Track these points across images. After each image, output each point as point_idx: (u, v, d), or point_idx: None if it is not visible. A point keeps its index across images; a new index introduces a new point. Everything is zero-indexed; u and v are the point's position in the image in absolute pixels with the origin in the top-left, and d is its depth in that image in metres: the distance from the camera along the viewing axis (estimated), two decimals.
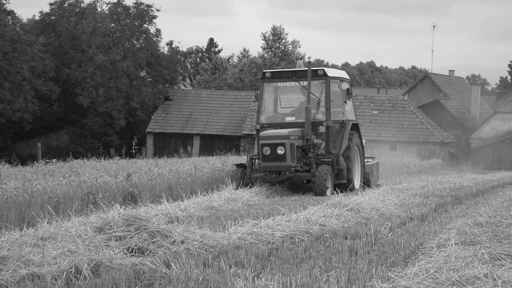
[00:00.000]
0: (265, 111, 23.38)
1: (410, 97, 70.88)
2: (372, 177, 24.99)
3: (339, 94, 23.02)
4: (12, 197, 15.15)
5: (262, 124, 22.88)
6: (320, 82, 22.78)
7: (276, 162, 21.28)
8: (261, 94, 23.13)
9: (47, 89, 57.88)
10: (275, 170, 21.36)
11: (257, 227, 12.49)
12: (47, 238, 11.44)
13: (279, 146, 21.23)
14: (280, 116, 23.34)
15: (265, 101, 23.30)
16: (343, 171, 22.15)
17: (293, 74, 22.93)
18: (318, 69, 22.76)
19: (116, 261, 10.12)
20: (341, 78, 23.49)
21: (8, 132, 57.63)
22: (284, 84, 23.17)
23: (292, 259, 10.11)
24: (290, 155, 21.27)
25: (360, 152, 23.90)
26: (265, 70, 24.00)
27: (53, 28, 63.59)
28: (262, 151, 21.39)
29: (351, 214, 14.39)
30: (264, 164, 21.43)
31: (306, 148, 21.98)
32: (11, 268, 9.58)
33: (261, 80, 23.36)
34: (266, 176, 21.43)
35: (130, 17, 67.24)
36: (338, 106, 23.03)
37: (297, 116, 22.73)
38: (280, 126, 22.53)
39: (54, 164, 23.98)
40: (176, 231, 11.72)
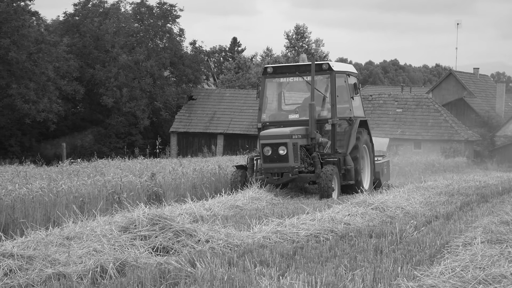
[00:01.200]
0: (268, 108, 22.27)
1: (434, 95, 70.55)
2: (383, 176, 23.87)
3: (345, 89, 21.73)
4: (38, 197, 15.23)
5: (264, 123, 21.68)
6: (325, 77, 21.53)
7: (278, 163, 20.13)
8: (262, 90, 21.89)
9: (72, 89, 58.13)
10: (277, 172, 20.20)
11: (281, 226, 12.48)
12: (73, 237, 11.49)
13: (281, 146, 20.08)
14: (284, 114, 22.14)
15: (267, 98, 22.17)
16: (351, 171, 20.91)
17: (296, 69, 21.73)
18: (322, 63, 21.52)
19: (141, 260, 10.15)
20: (348, 72, 22.13)
21: (33, 132, 57.93)
22: (287, 79, 21.86)
23: (317, 258, 10.09)
24: (293, 155, 20.11)
25: (370, 151, 22.66)
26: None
27: (77, 28, 63.86)
28: (263, 152, 20.24)
29: (376, 213, 14.35)
30: (265, 165, 20.29)
31: (311, 147, 20.77)
32: (37, 268, 9.63)
33: (263, 76, 22.16)
34: (267, 178, 20.19)
35: (154, 17, 67.38)
36: (345, 102, 21.82)
37: (301, 113, 21.57)
38: (283, 125, 21.28)
39: (79, 164, 24.09)
40: (200, 230, 11.74)
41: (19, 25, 52.90)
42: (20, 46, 52.82)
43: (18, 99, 52.53)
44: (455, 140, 56.56)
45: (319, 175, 19.73)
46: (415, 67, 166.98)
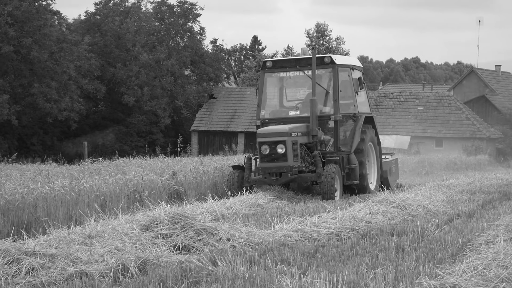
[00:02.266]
0: (268, 104, 21.17)
1: (456, 92, 70.24)
2: (391, 175, 22.66)
3: (349, 84, 20.68)
4: (60, 195, 15.31)
5: (263, 120, 20.59)
6: (327, 71, 20.48)
7: (276, 163, 19.01)
8: (261, 86, 20.84)
9: (93, 88, 58.36)
10: (275, 172, 19.02)
11: (302, 224, 12.47)
12: (94, 236, 11.53)
13: (279, 144, 18.96)
14: (284, 110, 21.09)
15: (267, 93, 21.10)
16: (355, 170, 19.90)
17: (297, 63, 20.66)
18: (324, 56, 20.53)
19: (163, 259, 10.17)
20: (352, 66, 21.04)
21: (54, 131, 58.21)
22: (288, 74, 20.82)
23: (339, 256, 10.07)
24: (293, 154, 19.03)
25: (376, 149, 21.58)
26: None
27: (98, 27, 64.10)
28: (260, 150, 19.13)
29: (397, 211, 14.30)
30: (262, 165, 19.16)
31: (312, 145, 19.69)
32: (59, 266, 9.67)
33: (262, 70, 21.09)
34: (265, 179, 19.09)
35: (174, 16, 67.50)
36: (349, 97, 20.76)
37: (302, 109, 20.49)
38: (283, 122, 20.22)
39: (100, 163, 24.16)
40: (222, 228, 11.75)
41: (41, 25, 53.16)
42: (42, 45, 53.09)
43: (40, 98, 52.80)
44: (477, 138, 56.30)
45: (321, 175, 18.74)
46: (436, 64, 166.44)
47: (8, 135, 53.81)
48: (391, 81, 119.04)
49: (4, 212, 13.86)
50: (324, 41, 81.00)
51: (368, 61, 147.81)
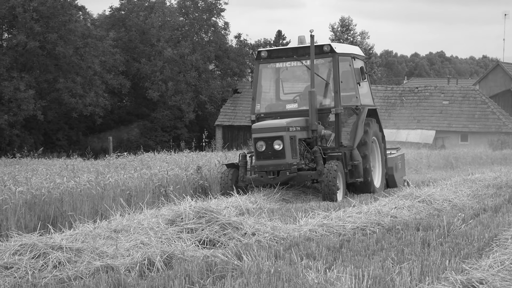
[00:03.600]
0: (264, 98, 19.80)
1: (481, 87, 69.83)
2: (397, 172, 21.39)
3: (351, 74, 19.27)
4: (86, 190, 15.38)
5: (259, 114, 19.22)
6: (327, 61, 19.08)
7: (273, 160, 17.58)
8: (256, 78, 19.48)
9: (118, 83, 58.59)
10: (272, 170, 17.64)
11: (328, 219, 12.44)
12: (120, 230, 11.57)
13: (276, 140, 17.55)
14: (281, 104, 19.66)
15: (262, 86, 19.64)
16: (359, 167, 18.52)
17: (294, 52, 19.15)
18: (323, 44, 18.99)
19: (188, 253, 10.19)
20: (353, 55, 19.60)
21: (80, 126, 58.50)
22: (285, 64, 19.42)
23: (364, 251, 10.05)
24: (291, 151, 17.62)
25: (380, 143, 20.29)
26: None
27: (123, 23, 64.30)
28: (256, 147, 17.75)
29: (423, 206, 14.24)
30: (258, 163, 17.74)
31: (312, 141, 18.34)
32: (85, 260, 9.72)
33: (256, 61, 19.58)
34: (261, 178, 17.69)
35: (199, 11, 67.59)
36: (350, 89, 19.39)
37: (301, 102, 19.12)
38: (280, 116, 18.82)
39: (125, 158, 24.25)
40: (247, 223, 11.75)
41: (66, 20, 53.45)
42: (67, 40, 53.36)
43: (65, 93, 53.08)
44: (502, 132, 55.98)
45: (322, 173, 17.34)
46: (461, 58, 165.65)
47: (34, 130, 54.14)
48: (416, 76, 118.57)
49: (30, 207, 13.95)
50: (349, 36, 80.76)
51: (392, 55, 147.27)
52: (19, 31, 52.15)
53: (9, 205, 13.29)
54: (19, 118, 50.47)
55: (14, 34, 52.94)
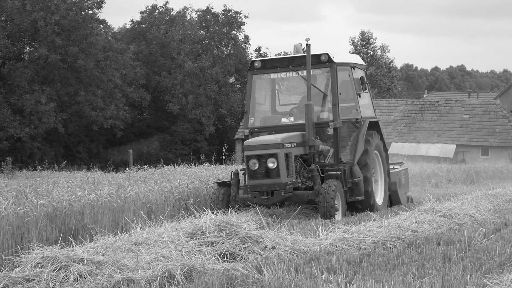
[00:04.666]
0: (258, 111, 18.64)
1: (502, 101, 69.56)
2: (400, 187, 20.14)
3: (350, 85, 18.15)
4: (106, 203, 15.42)
5: (252, 129, 18.09)
6: (324, 71, 17.92)
7: (267, 179, 16.33)
8: (249, 89, 18.32)
9: (138, 96, 58.81)
10: (266, 190, 16.38)
11: (348, 233, 12.43)
12: (141, 243, 11.61)
13: (270, 157, 16.32)
14: (277, 117, 18.52)
15: (256, 98, 18.49)
16: (360, 184, 17.36)
17: (290, 62, 18.01)
18: (321, 54, 17.84)
19: (209, 266, 10.21)
20: (352, 64, 18.40)
21: (100, 139, 58.73)
22: (280, 75, 18.27)
23: (384, 265, 10.02)
24: (286, 169, 16.42)
25: (383, 158, 19.07)
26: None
27: (143, 36, 64.60)
28: (248, 165, 16.49)
29: (443, 220, 14.18)
30: (251, 182, 16.48)
31: (309, 157, 17.22)
32: (106, 273, 9.75)
33: (249, 72, 18.43)
34: (254, 198, 16.44)
35: (219, 24, 67.80)
36: (350, 100, 18.28)
37: (297, 116, 17.99)
38: (275, 130, 17.70)
39: (145, 171, 24.29)
40: (267, 236, 11.76)
41: (87, 33, 53.76)
42: (88, 53, 53.65)
43: (86, 106, 53.34)
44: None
45: (319, 193, 16.21)
46: (482, 72, 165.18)
47: (54, 143, 54.41)
48: (436, 90, 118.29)
49: (52, 219, 14.01)
50: (369, 49, 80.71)
51: (413, 69, 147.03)
52: (41, 44, 52.49)
53: (31, 217, 13.35)
54: (40, 131, 50.73)
55: (36, 47, 53.28)
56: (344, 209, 16.75)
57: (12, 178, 27.73)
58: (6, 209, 13.08)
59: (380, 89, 78.48)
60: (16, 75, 51.47)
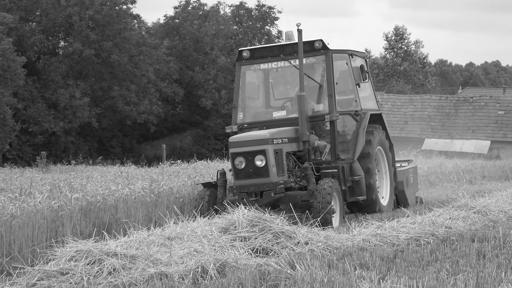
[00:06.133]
0: (247, 105, 17.26)
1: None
2: (408, 187, 18.67)
3: (349, 74, 16.79)
4: (140, 197, 15.52)
5: (241, 125, 16.71)
6: (319, 59, 16.45)
7: (255, 179, 14.74)
8: (237, 82, 16.97)
9: (171, 91, 58.96)
10: (254, 191, 14.79)
11: (381, 229, 12.39)
12: (174, 237, 11.66)
13: (258, 155, 14.72)
14: (269, 112, 17.08)
15: (246, 91, 17.13)
16: (361, 182, 15.94)
17: (280, 50, 16.61)
18: (314, 40, 16.38)
19: (241, 261, 10.23)
20: (350, 51, 16.92)
21: (133, 133, 58.98)
22: (270, 65, 16.82)
23: (418, 262, 9.98)
24: (276, 167, 14.84)
25: (388, 155, 17.56)
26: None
27: (177, 31, 64.73)
28: (234, 164, 14.91)
29: (478, 217, 14.08)
30: (238, 182, 14.92)
31: (303, 154, 15.72)
32: (140, 267, 9.80)
33: (237, 63, 16.98)
34: (242, 200, 14.62)
35: (252, 19, 67.79)
36: (349, 91, 16.97)
37: (290, 110, 16.54)
38: (266, 126, 16.17)
39: (178, 165, 24.39)
40: (300, 232, 11.77)
41: (121, 28, 53.98)
42: (122, 49, 53.88)
43: (120, 101, 53.59)
44: None
45: (313, 193, 14.63)
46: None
47: (88, 137, 54.75)
48: (470, 85, 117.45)
49: (86, 213, 14.12)
50: (403, 45, 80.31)
51: (447, 65, 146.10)
52: (75, 39, 52.79)
53: (65, 211, 13.46)
54: (74, 125, 51.06)
55: (70, 42, 53.60)
56: (343, 212, 15.34)
57: (47, 172, 27.98)
58: (41, 203, 13.21)
59: (414, 85, 78.10)
60: (51, 69, 51.84)
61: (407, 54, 79.63)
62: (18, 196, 13.57)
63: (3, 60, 44.43)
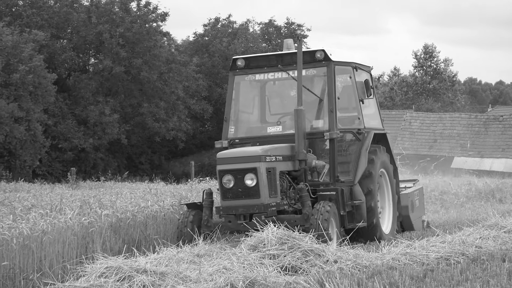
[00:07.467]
0: (240, 119, 15.83)
1: None
2: (413, 211, 17.29)
3: (352, 89, 15.48)
4: (169, 214, 15.56)
5: (232, 140, 15.36)
6: (321, 71, 15.21)
7: (244, 199, 13.45)
8: (230, 93, 15.54)
9: (200, 108, 59.14)
10: (243, 213, 13.47)
11: (411, 247, 12.35)
12: (203, 255, 11.71)
13: (248, 173, 13.47)
14: (264, 127, 15.62)
15: (239, 103, 15.74)
16: (361, 208, 14.57)
17: (278, 60, 15.22)
18: (316, 50, 15.14)
19: (270, 279, 10.24)
20: (355, 65, 15.60)
21: (162, 150, 59.17)
22: (267, 76, 15.42)
23: (448, 281, 9.93)
24: (268, 187, 13.52)
25: (391, 177, 16.04)
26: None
27: (206, 48, 64.99)
28: (222, 183, 13.78)
29: (509, 236, 13.96)
30: (225, 203, 13.65)
31: (299, 174, 14.30)
32: (169, 284, 9.85)
33: (231, 72, 15.61)
34: (229, 223, 13.51)
35: (281, 37, 67.87)
36: (352, 108, 15.64)
37: (287, 125, 15.16)
38: (259, 142, 14.79)
39: (207, 182, 24.42)
40: (329, 250, 11.76)
41: (151, 46, 54.29)
42: (151, 66, 54.18)
43: (149, 118, 53.83)
44: None
45: (309, 217, 13.23)
46: None
47: (117, 154, 55.00)
48: (500, 103, 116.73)
49: (116, 230, 14.19)
50: (432, 63, 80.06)
51: (477, 83, 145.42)
52: (105, 57, 53.16)
53: (95, 227, 13.54)
54: (103, 141, 51.34)
55: (101, 59, 53.97)
56: (339, 237, 13.65)
57: (77, 188, 28.14)
58: (71, 219, 13.30)
59: (443, 103, 77.79)
60: (81, 86, 52.22)
61: (436, 72, 79.36)
62: (49, 212, 13.67)
63: (35, 77, 44.84)
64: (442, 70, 79.70)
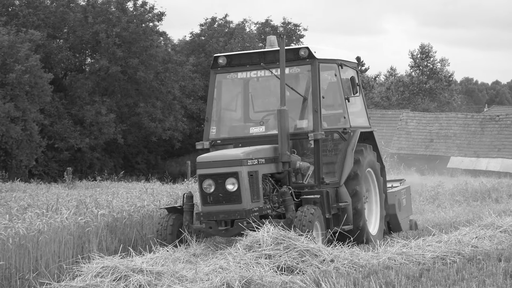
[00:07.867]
0: (222, 118, 15.36)
1: None
2: (400, 210, 16.96)
3: (337, 87, 14.95)
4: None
5: (214, 141, 14.76)
6: (305, 69, 14.65)
7: (226, 205, 12.97)
8: (211, 92, 15.14)
9: (196, 108, 59.15)
10: (224, 219, 13.00)
11: (407, 247, 12.37)
12: (199, 254, 11.71)
13: (229, 177, 12.96)
14: (246, 127, 15.08)
15: (221, 102, 15.36)
16: (347, 210, 14.05)
17: (261, 58, 14.70)
18: (299, 47, 14.63)
19: (266, 279, 10.26)
20: (340, 62, 15.06)
21: (158, 150, 59.17)
22: (249, 74, 14.94)
23: (444, 281, 9.94)
24: (250, 192, 13.04)
25: (378, 179, 15.57)
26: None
27: (202, 48, 65.00)
28: (202, 187, 13.15)
29: (505, 236, 13.98)
30: (205, 209, 13.11)
31: (283, 177, 13.82)
32: (165, 284, 9.85)
33: (212, 70, 15.22)
34: (210, 229, 13.05)
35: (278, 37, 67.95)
36: (337, 106, 15.07)
37: (270, 125, 14.73)
38: (242, 143, 14.35)
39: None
40: (325, 249, 11.75)
41: (148, 45, 54.29)
42: (148, 65, 54.18)
43: (145, 118, 53.84)
44: None
45: (292, 221, 12.79)
46: None
47: (114, 154, 54.99)
48: (496, 103, 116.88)
49: (112, 229, 14.19)
50: (428, 63, 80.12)
51: (473, 83, 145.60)
52: (102, 56, 53.15)
53: (91, 227, 13.53)
54: (99, 141, 51.33)
55: (97, 59, 53.97)
56: (325, 242, 13.04)
57: (73, 188, 28.14)
58: (67, 219, 13.29)
59: (439, 103, 77.87)
60: (77, 86, 52.21)
61: (432, 72, 79.42)
62: (45, 212, 13.66)
63: (31, 77, 44.82)
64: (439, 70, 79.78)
